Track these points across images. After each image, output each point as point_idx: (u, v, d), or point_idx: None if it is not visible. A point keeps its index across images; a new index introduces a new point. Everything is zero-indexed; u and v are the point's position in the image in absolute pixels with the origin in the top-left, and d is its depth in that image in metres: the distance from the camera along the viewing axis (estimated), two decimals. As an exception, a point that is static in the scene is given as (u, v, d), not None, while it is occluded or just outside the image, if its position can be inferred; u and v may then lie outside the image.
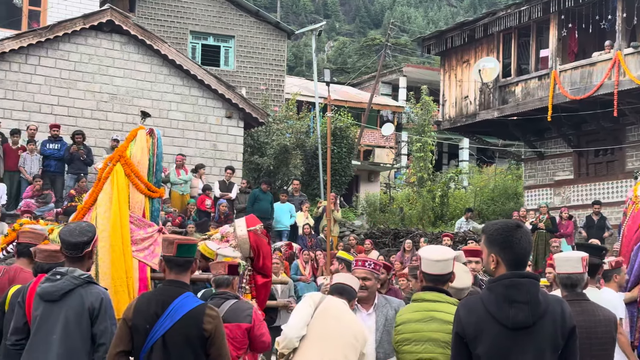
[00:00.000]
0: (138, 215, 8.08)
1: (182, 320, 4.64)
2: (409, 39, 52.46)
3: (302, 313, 5.46)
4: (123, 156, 8.15)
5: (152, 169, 8.39)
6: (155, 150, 8.42)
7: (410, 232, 21.37)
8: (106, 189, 8.01)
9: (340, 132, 25.69)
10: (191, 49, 26.77)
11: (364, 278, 5.90)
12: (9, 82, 18.07)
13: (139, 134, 8.38)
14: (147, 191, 8.18)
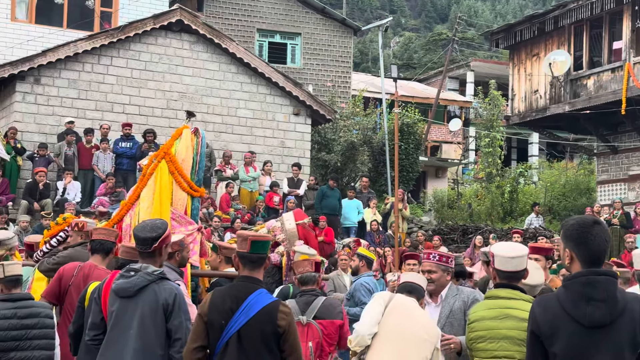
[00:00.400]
0: (180, 212, 8.17)
1: (257, 317, 4.67)
2: (476, 33, 51.91)
3: (373, 311, 5.45)
4: (168, 153, 8.22)
5: (195, 167, 8.46)
6: (199, 150, 8.48)
7: (479, 229, 21.14)
8: (150, 185, 8.10)
9: (408, 128, 25.57)
10: (258, 46, 26.98)
11: (429, 271, 5.90)
12: (83, 83, 18.50)
13: (184, 132, 8.46)
14: (189, 189, 8.25)
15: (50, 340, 5.43)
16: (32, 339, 5.38)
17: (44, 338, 5.40)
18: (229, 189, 18.30)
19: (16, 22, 22.78)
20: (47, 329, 5.42)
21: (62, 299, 6.48)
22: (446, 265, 5.98)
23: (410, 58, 56.96)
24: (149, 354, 4.97)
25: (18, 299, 5.48)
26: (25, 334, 5.36)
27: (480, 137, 29.76)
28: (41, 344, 5.39)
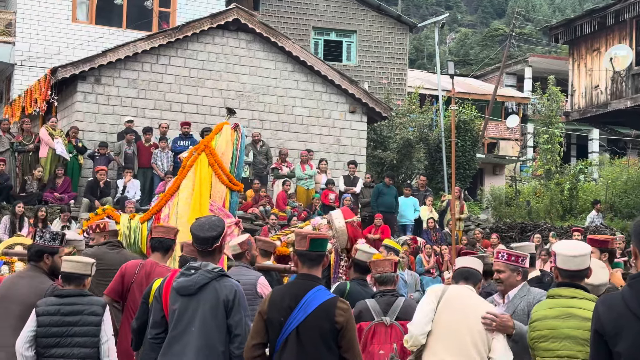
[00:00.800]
0: (219, 204, 8.20)
1: (315, 313, 4.70)
2: (534, 28, 51.16)
3: (425, 309, 5.40)
4: (208, 146, 8.26)
5: (235, 161, 8.48)
6: (238, 145, 8.51)
7: (537, 226, 20.85)
8: (189, 177, 8.16)
9: (464, 124, 25.35)
10: (314, 44, 27.03)
11: (498, 270, 5.73)
12: (142, 82, 18.78)
13: (224, 128, 8.50)
14: (228, 182, 8.28)
15: (92, 338, 5.44)
16: (72, 336, 5.42)
17: (85, 335, 5.43)
18: (285, 186, 18.39)
19: (77, 23, 23.24)
20: (88, 327, 5.45)
21: (124, 296, 6.59)
22: (516, 264, 5.71)
23: (467, 54, 56.44)
24: (211, 351, 5.01)
25: (66, 295, 5.54)
26: (67, 331, 5.42)
27: (538, 133, 29.34)
28: (81, 341, 5.42)
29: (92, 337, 5.45)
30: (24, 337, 5.45)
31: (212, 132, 8.73)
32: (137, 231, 8.46)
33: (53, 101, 18.43)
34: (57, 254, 5.97)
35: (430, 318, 5.34)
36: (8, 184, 16.50)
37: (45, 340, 5.41)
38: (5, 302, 5.82)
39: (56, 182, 16.92)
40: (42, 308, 5.48)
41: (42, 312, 5.46)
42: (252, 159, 18.61)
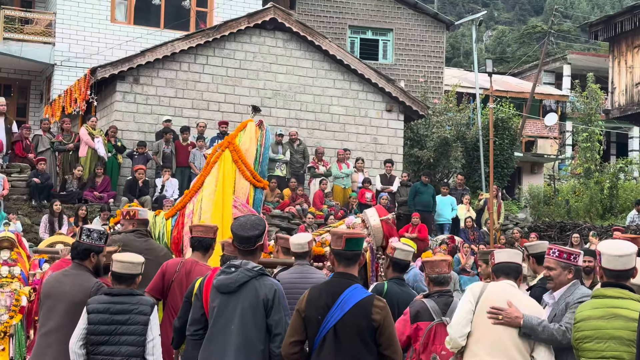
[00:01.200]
0: (242, 200, 8.18)
1: (352, 311, 4.74)
2: (572, 25, 50.63)
3: (463, 311, 5.34)
4: (232, 143, 8.26)
5: (259, 158, 8.47)
6: (263, 142, 8.49)
7: (577, 225, 20.62)
8: (213, 173, 8.17)
9: (502, 123, 25.14)
10: (350, 43, 26.98)
11: (548, 267, 5.47)
12: (180, 82, 18.91)
13: (249, 125, 8.50)
14: (252, 179, 8.28)
15: (139, 337, 5.47)
16: (121, 334, 5.46)
17: (132, 334, 5.47)
18: (322, 185, 18.39)
19: (116, 23, 23.48)
20: (136, 326, 5.48)
21: (165, 294, 6.63)
22: (567, 262, 5.44)
23: (504, 52, 55.96)
24: (250, 349, 5.03)
25: (117, 294, 5.59)
26: (115, 329, 5.46)
27: (577, 131, 29.00)
28: (129, 339, 5.46)
29: (139, 335, 5.49)
30: (77, 334, 5.51)
31: (236, 129, 8.77)
32: (162, 227, 8.49)
33: (92, 101, 18.64)
34: (102, 253, 6.03)
35: (469, 319, 5.29)
36: (49, 183, 16.72)
37: (94, 337, 5.47)
38: (51, 300, 5.89)
39: (96, 181, 17.11)
40: (93, 306, 5.54)
41: (93, 310, 5.51)
42: (289, 158, 18.65)
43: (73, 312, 5.73)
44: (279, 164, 18.56)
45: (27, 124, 19.09)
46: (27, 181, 16.52)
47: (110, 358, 5.44)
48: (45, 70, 24.06)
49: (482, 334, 5.22)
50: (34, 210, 16.33)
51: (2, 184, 15.83)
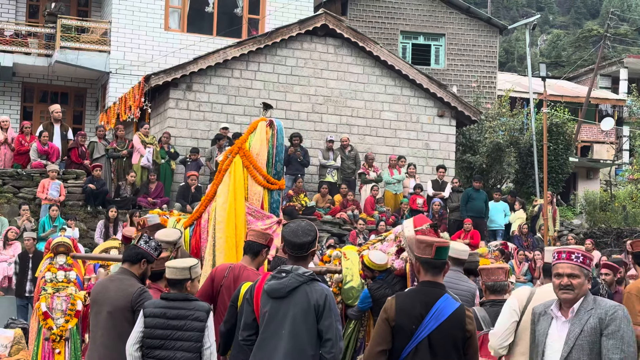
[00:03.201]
0: (256, 207, 8.07)
1: (447, 322, 4.76)
2: (629, 28, 49.71)
3: (505, 319, 5.23)
4: (242, 148, 8.14)
5: (272, 160, 8.28)
6: (274, 142, 8.29)
7: (634, 232, 20.23)
8: (225, 181, 8.04)
9: (557, 128, 24.77)
10: (401, 48, 26.89)
11: (570, 275, 4.67)
12: (232, 88, 19.05)
13: (259, 126, 8.30)
14: (265, 183, 8.12)
15: (195, 343, 5.47)
16: (176, 339, 5.47)
17: (188, 340, 5.47)
18: (373, 191, 18.34)
19: (169, 31, 23.77)
20: (192, 332, 5.48)
21: (214, 299, 6.65)
22: (588, 269, 4.76)
23: (559, 56, 55.20)
24: (301, 354, 5.02)
25: (173, 299, 5.60)
26: (171, 334, 5.47)
27: (634, 136, 28.44)
28: (184, 345, 5.47)
29: (195, 342, 5.49)
30: (134, 337, 5.55)
31: (246, 132, 8.51)
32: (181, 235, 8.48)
33: (146, 108, 18.90)
34: (152, 263, 6.07)
35: (512, 330, 5.18)
36: (104, 189, 16.98)
37: (149, 341, 5.51)
38: (97, 306, 5.96)
39: (149, 187, 17.32)
40: (150, 310, 5.57)
41: (149, 314, 5.54)
42: (340, 164, 18.65)
43: (117, 316, 5.79)
44: (330, 170, 18.57)
45: (83, 131, 19.42)
46: (82, 187, 16.80)
47: None
48: (101, 78, 24.48)
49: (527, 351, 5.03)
50: (90, 216, 16.60)
51: (59, 190, 16.13)
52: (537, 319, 4.87)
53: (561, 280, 4.67)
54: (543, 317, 4.81)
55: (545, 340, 4.72)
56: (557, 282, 4.70)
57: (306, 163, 18.32)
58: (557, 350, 4.63)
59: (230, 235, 7.80)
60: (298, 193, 17.66)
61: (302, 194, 17.73)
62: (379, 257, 7.73)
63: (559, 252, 4.76)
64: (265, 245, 6.73)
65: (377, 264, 7.70)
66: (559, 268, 4.72)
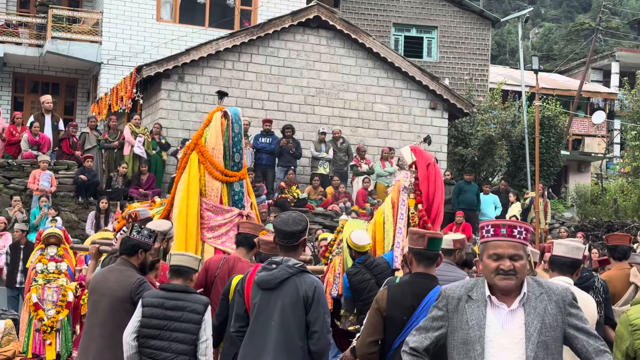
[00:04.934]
0: (214, 202, 7.96)
1: None
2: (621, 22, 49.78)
3: None
4: (198, 144, 8.03)
5: (229, 152, 8.11)
6: (230, 133, 8.10)
7: (625, 225, 20.30)
8: (183, 178, 7.99)
9: (548, 121, 24.83)
10: (394, 41, 26.87)
11: (512, 256, 3.75)
12: (224, 80, 19.01)
13: (214, 118, 8.14)
14: (222, 177, 7.99)
15: (191, 335, 5.48)
16: (172, 330, 5.47)
17: (184, 332, 5.48)
18: (365, 183, 18.35)
19: (161, 22, 23.69)
20: (189, 324, 5.49)
21: (208, 290, 6.65)
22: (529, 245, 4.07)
23: (550, 49, 55.26)
24: (290, 345, 5.04)
25: (172, 289, 5.60)
26: (167, 325, 5.47)
27: (626, 130, 28.50)
28: (180, 337, 5.47)
29: (191, 334, 5.49)
30: (132, 326, 5.54)
31: (202, 125, 8.39)
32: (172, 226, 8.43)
33: (138, 99, 18.85)
34: (149, 252, 6.06)
35: None
36: (95, 180, 16.94)
37: (146, 330, 5.50)
38: (95, 295, 5.96)
39: (141, 178, 17.29)
40: (148, 299, 5.56)
41: (147, 304, 5.54)
42: (332, 156, 18.65)
43: (116, 307, 5.79)
44: (322, 162, 18.57)
45: (74, 122, 19.37)
46: (74, 178, 16.76)
47: (159, 353, 5.46)
48: (92, 69, 24.39)
49: None
50: (81, 207, 16.56)
51: (50, 180, 16.08)
52: (455, 306, 3.85)
53: (501, 263, 3.72)
54: (468, 303, 3.79)
55: (483, 334, 3.72)
56: (495, 265, 3.73)
57: (298, 155, 18.32)
58: (505, 348, 3.70)
59: (180, 232, 7.69)
60: (290, 185, 17.66)
61: (293, 186, 17.73)
62: (359, 238, 7.44)
63: (495, 226, 3.82)
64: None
65: (356, 244, 7.39)
66: (499, 247, 3.76)
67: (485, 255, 3.80)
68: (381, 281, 6.68)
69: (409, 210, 7.59)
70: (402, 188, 7.68)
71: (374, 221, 8.02)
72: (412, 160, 7.69)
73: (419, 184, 7.62)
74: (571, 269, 5.22)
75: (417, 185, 7.62)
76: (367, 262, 7.38)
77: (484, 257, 3.80)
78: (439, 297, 3.92)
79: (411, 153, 7.76)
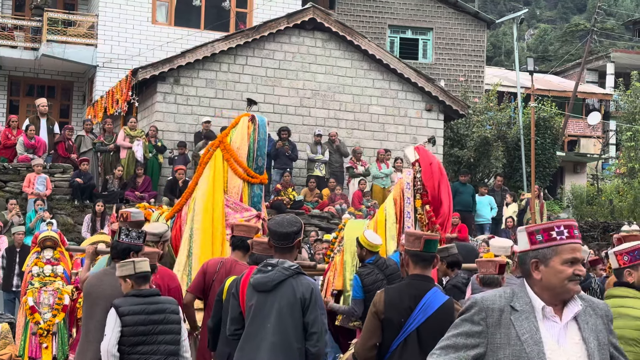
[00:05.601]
0: (235, 199, 8.14)
1: (435, 315, 4.80)
2: (616, 23, 49.90)
3: None
4: (223, 142, 8.26)
5: (253, 154, 8.38)
6: (256, 137, 8.38)
7: (621, 226, 20.29)
8: (205, 173, 8.18)
9: (544, 122, 24.86)
10: (389, 43, 26.89)
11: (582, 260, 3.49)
12: (219, 82, 19.01)
13: (241, 121, 8.45)
14: (245, 176, 8.23)
15: (175, 335, 5.59)
16: (158, 333, 5.55)
17: (170, 333, 5.57)
18: (361, 185, 18.36)
19: (157, 24, 23.68)
20: (172, 325, 5.59)
21: (207, 293, 6.66)
22: None
23: (546, 50, 55.37)
24: (287, 347, 5.05)
25: (147, 294, 5.67)
26: (152, 329, 5.54)
27: (621, 130, 28.56)
28: (166, 338, 5.55)
29: (176, 334, 5.60)
30: (114, 337, 5.54)
31: (229, 126, 8.74)
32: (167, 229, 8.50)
33: (134, 102, 18.83)
34: (141, 252, 6.08)
35: None
36: (91, 183, 16.92)
37: (132, 339, 5.53)
38: (91, 299, 5.97)
39: (137, 181, 17.27)
40: (127, 308, 5.58)
41: (128, 312, 5.56)
42: (328, 158, 18.66)
43: None
44: (318, 164, 18.58)
45: (70, 125, 19.35)
46: (69, 181, 16.75)
47: (149, 357, 5.50)
48: (88, 72, 24.37)
49: None
50: (77, 210, 16.54)
51: (45, 184, 16.06)
52: (498, 319, 3.35)
53: (577, 268, 3.30)
54: (514, 315, 3.32)
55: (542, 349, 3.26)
56: (571, 270, 3.29)
57: (294, 157, 18.32)
58: None
59: (206, 227, 7.90)
60: (286, 187, 17.66)
61: (289, 188, 17.73)
62: (374, 237, 7.44)
63: (569, 227, 3.37)
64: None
65: (370, 242, 7.35)
66: (576, 251, 3.34)
67: (559, 260, 3.29)
68: (392, 282, 6.70)
69: (417, 211, 7.65)
70: (405, 185, 7.72)
71: (376, 219, 8.08)
72: (415, 159, 7.73)
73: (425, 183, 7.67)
74: None
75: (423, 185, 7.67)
76: (379, 263, 7.37)
77: (554, 262, 3.30)
78: (471, 308, 3.36)
79: (415, 152, 7.82)
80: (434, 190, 7.66)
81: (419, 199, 7.65)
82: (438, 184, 7.72)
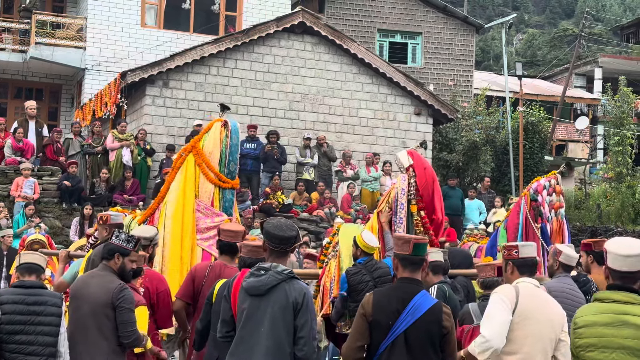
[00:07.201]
0: (206, 203, 8.22)
1: (424, 318, 4.78)
2: (604, 28, 50.16)
3: (504, 319, 4.93)
4: (195, 146, 8.37)
5: (225, 159, 8.47)
6: (228, 142, 8.49)
7: (608, 230, 20.42)
8: (178, 178, 8.30)
9: (532, 126, 24.95)
10: (379, 47, 26.94)
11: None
12: (209, 85, 18.99)
13: (214, 126, 8.54)
14: (216, 181, 8.34)
15: (54, 327, 5.68)
16: (37, 324, 5.63)
17: (49, 325, 5.65)
18: (350, 189, 18.36)
19: (146, 27, 23.63)
20: (52, 317, 5.68)
21: (196, 298, 6.65)
22: None
23: (534, 55, 55.60)
24: (280, 351, 5.04)
25: (29, 286, 5.77)
26: (31, 320, 5.63)
27: (609, 135, 28.70)
28: (45, 329, 5.64)
29: (55, 326, 5.69)
30: None
31: (202, 131, 8.82)
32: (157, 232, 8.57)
33: (123, 105, 18.78)
34: (128, 257, 6.06)
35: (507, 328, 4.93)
36: (79, 186, 16.86)
37: (9, 327, 5.61)
38: (77, 301, 6.00)
39: (125, 184, 17.23)
40: (7, 297, 5.70)
41: (7, 301, 5.66)
42: (317, 162, 18.66)
43: (97, 313, 5.87)
44: (307, 168, 18.57)
45: (58, 128, 19.28)
46: (58, 184, 16.68)
47: (26, 347, 5.60)
48: (77, 75, 24.29)
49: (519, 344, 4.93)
50: (65, 213, 16.48)
51: (33, 188, 16.00)
52: None
53: None
54: None
55: None
56: None
57: (283, 161, 18.31)
58: None
59: (176, 230, 7.98)
60: (275, 191, 17.65)
61: (279, 191, 17.72)
62: (371, 239, 7.43)
63: None
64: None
65: (366, 244, 7.33)
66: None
67: None
68: (379, 285, 6.73)
69: (413, 217, 7.66)
70: (400, 191, 7.72)
71: (371, 224, 8.09)
72: (409, 164, 7.74)
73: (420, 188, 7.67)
74: (531, 269, 5.21)
75: (417, 191, 7.68)
76: (369, 265, 7.33)
77: None
78: None
79: (408, 157, 7.83)
80: (428, 196, 7.67)
81: (414, 204, 7.65)
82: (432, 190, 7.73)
